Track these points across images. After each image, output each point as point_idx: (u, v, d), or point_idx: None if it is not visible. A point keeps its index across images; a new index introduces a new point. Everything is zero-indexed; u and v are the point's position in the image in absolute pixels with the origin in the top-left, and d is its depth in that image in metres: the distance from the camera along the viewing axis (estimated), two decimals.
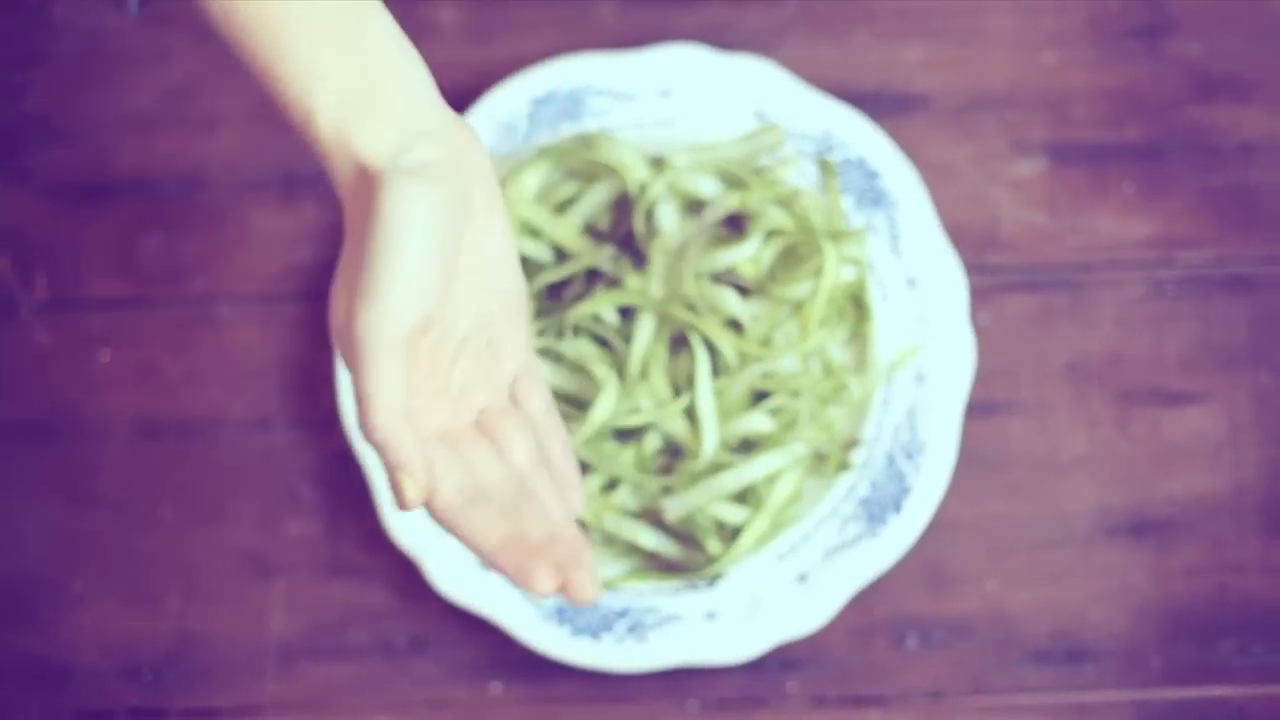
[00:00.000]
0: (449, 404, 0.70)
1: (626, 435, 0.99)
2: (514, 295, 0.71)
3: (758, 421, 0.97)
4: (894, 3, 1.04)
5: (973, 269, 1.02)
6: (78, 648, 1.04)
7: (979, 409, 1.02)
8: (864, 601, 1.01)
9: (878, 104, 1.03)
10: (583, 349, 0.97)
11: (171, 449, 1.05)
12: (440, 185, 0.64)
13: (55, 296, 1.06)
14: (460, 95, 1.03)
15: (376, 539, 1.03)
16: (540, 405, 0.73)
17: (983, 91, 1.04)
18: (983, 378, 1.02)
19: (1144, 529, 1.01)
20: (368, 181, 0.65)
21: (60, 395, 1.06)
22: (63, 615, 1.05)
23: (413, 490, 0.65)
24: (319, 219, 1.05)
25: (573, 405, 0.98)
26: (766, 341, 0.98)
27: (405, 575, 1.03)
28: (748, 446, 0.99)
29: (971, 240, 1.02)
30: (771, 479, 0.97)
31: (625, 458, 0.98)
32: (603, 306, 0.97)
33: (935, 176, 1.03)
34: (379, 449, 0.64)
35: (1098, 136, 1.03)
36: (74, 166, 1.07)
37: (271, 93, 0.66)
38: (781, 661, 1.01)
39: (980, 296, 1.02)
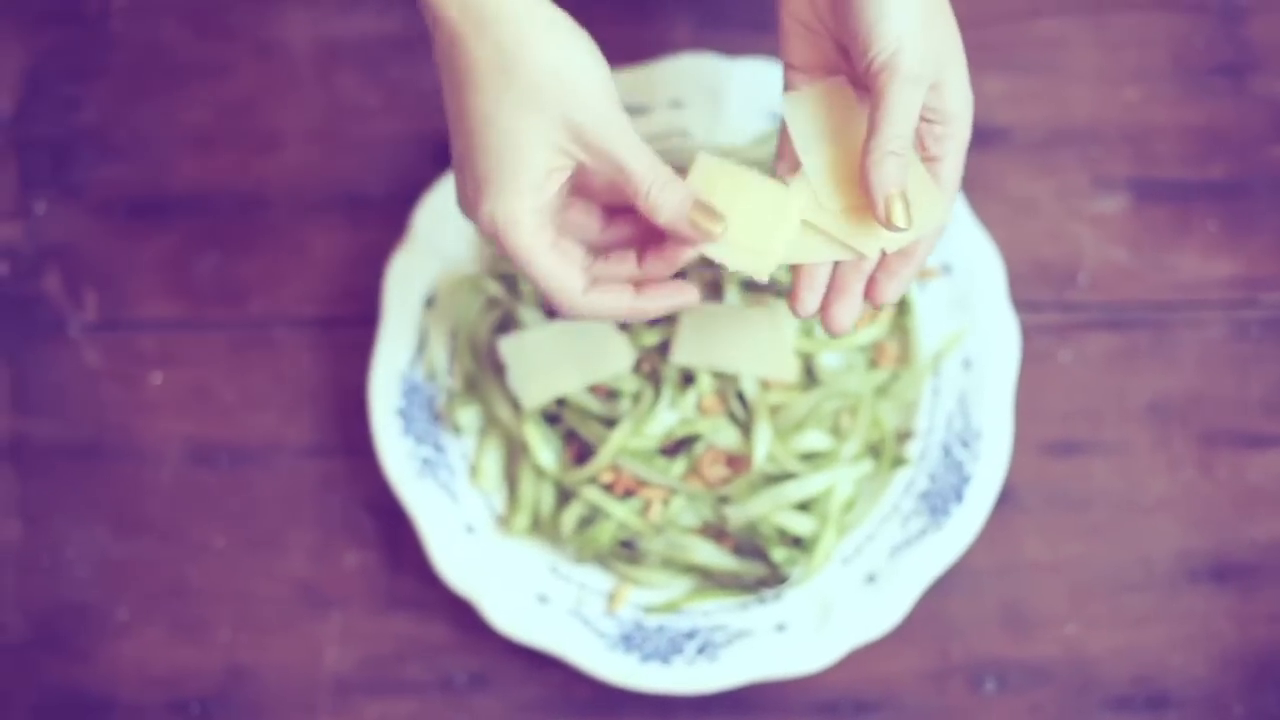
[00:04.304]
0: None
1: (675, 452, 0.97)
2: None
3: (815, 439, 0.96)
4: (976, 34, 1.02)
5: (1054, 306, 1.01)
6: (122, 679, 1.01)
7: (1060, 448, 1.00)
8: (941, 644, 0.99)
9: None
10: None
11: (224, 475, 1.02)
12: None
13: (106, 316, 1.03)
14: None
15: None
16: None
17: (1065, 126, 1.02)
18: (1064, 416, 1.00)
19: (1226, 573, 0.99)
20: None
21: (109, 417, 1.03)
22: (107, 645, 1.01)
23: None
24: (381, 241, 1.02)
25: (605, 425, 0.96)
26: (809, 332, 0.97)
27: (466, 609, 1.00)
28: (811, 454, 0.97)
29: (1053, 277, 1.01)
30: (830, 487, 0.96)
31: (676, 469, 0.96)
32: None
33: (1016, 211, 1.01)
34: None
35: (1181, 174, 1.02)
36: (128, 182, 1.04)
37: None
38: (856, 703, 0.99)
39: (1061, 334, 1.00)
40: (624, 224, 0.75)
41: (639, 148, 0.71)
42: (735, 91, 1.00)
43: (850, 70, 0.75)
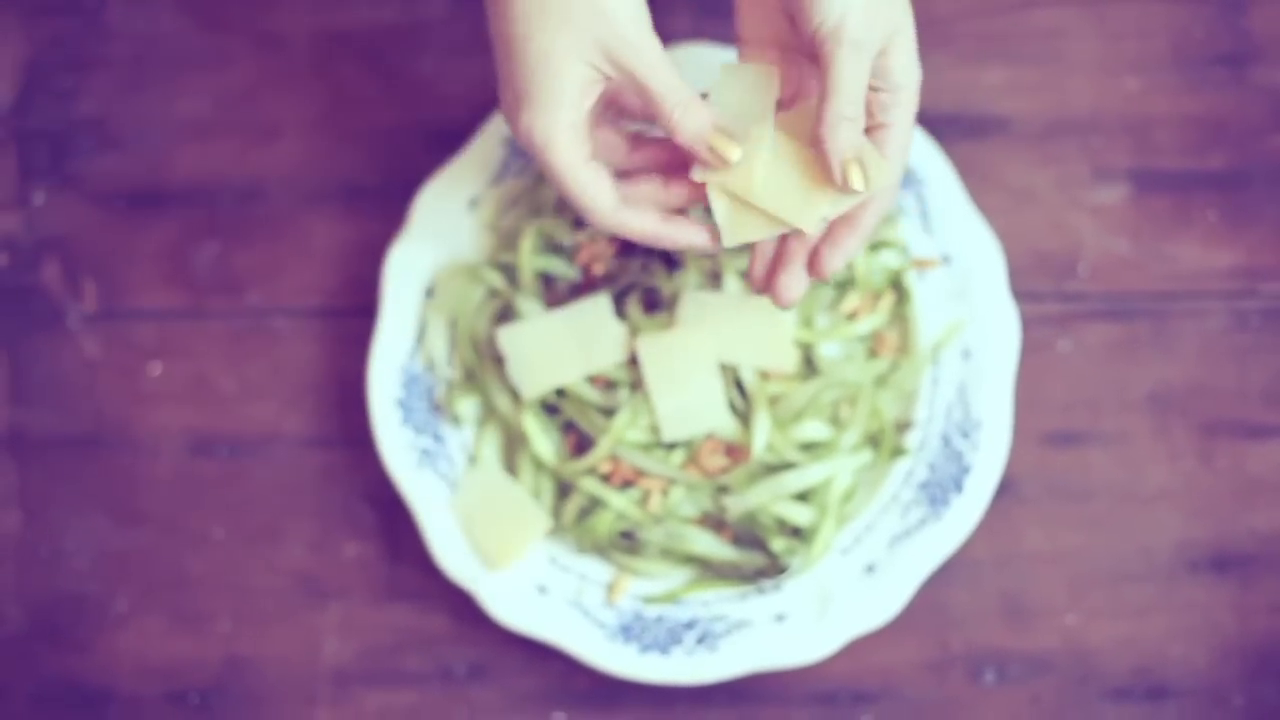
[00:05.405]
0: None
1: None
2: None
3: (814, 429, 0.96)
4: (976, 25, 1.03)
5: (1053, 296, 1.00)
6: (120, 670, 1.01)
7: (1059, 438, 1.00)
8: (940, 634, 0.99)
9: (956, 126, 1.02)
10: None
11: (224, 466, 1.02)
12: None
13: (104, 307, 1.03)
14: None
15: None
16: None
17: (1065, 116, 1.02)
18: (1063, 407, 1.00)
19: (1226, 564, 0.99)
20: None
21: (108, 408, 1.02)
22: (105, 636, 1.01)
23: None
24: (380, 231, 1.02)
25: (604, 415, 0.96)
26: (808, 322, 0.97)
27: (465, 600, 1.00)
28: (810, 444, 0.97)
29: (1053, 267, 1.01)
30: (829, 477, 0.96)
31: (675, 459, 0.95)
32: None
33: (1016, 201, 1.01)
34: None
35: (1181, 164, 1.01)
36: (127, 173, 1.04)
37: None
38: (856, 694, 0.99)
39: (1061, 324, 1.00)
40: (650, 150, 0.79)
41: (664, 69, 0.74)
42: None
43: (799, 42, 0.76)
